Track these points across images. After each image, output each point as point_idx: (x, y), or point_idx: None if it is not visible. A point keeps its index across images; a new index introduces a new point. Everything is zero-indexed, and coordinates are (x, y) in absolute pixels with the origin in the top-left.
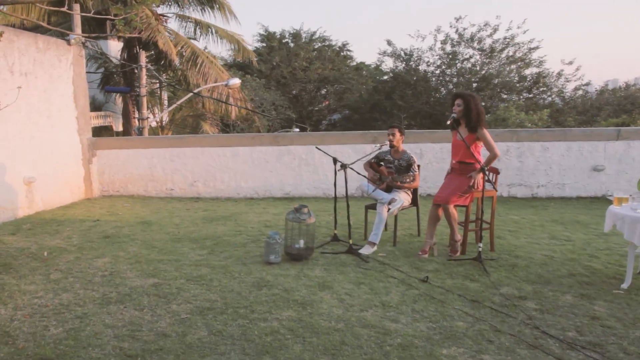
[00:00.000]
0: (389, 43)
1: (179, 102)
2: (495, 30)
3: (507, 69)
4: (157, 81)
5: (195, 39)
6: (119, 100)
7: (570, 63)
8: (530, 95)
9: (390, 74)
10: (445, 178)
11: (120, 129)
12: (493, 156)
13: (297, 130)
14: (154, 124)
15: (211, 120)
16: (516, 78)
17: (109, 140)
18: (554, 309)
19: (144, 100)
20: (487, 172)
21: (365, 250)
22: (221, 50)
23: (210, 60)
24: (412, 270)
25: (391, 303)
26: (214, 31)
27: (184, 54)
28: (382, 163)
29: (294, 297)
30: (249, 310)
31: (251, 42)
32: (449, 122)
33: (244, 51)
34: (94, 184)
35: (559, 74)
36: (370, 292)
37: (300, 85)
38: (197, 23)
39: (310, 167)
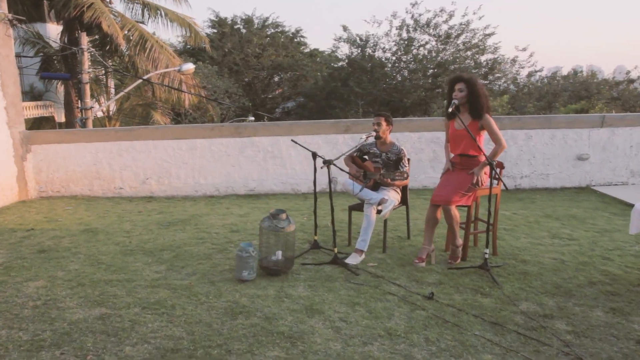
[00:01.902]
0: (345, 29)
1: (126, 90)
2: (450, 16)
3: (463, 55)
4: (103, 68)
5: (143, 22)
6: (61, 88)
7: (524, 49)
8: (486, 82)
9: (346, 60)
10: (442, 176)
11: (64, 120)
12: (500, 147)
13: (252, 119)
14: (100, 114)
15: (162, 109)
16: (472, 64)
17: (46, 134)
18: (589, 331)
19: (87, 87)
20: (495, 167)
21: (353, 260)
22: (171, 36)
23: (161, 45)
24: (412, 284)
25: (398, 331)
26: (163, 14)
27: (131, 38)
28: (366, 157)
29: (279, 328)
30: (225, 350)
31: (202, 28)
32: (450, 110)
33: (196, 35)
34: (29, 184)
35: (514, 61)
36: (369, 315)
37: (253, 73)
38: (145, 4)
39: (276, 161)
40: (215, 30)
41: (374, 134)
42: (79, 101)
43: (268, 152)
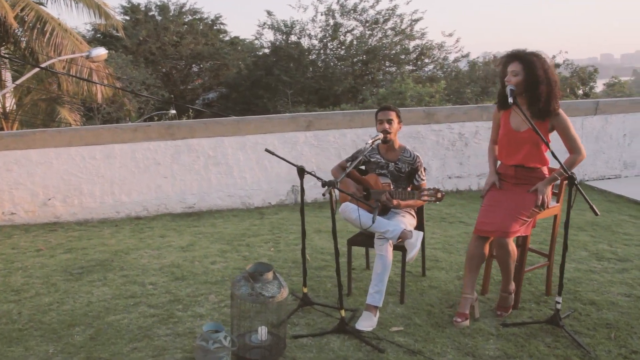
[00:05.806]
0: (269, 14)
1: (19, 81)
2: (377, 0)
3: (392, 40)
4: None
5: (42, 4)
6: None
7: (451, 35)
8: (415, 68)
9: (271, 47)
10: (485, 193)
11: None
12: (579, 157)
13: (174, 112)
14: None
15: (70, 104)
16: (399, 49)
17: None
18: None
19: None
20: (576, 183)
21: (366, 323)
22: (78, 23)
23: (64, 29)
24: None
25: None
26: None
27: (26, 19)
28: (363, 167)
29: None
30: None
31: (114, 12)
32: (510, 100)
33: (107, 18)
34: None
35: (441, 46)
36: None
37: (171, 62)
38: None
39: (221, 167)
40: (127, 17)
41: (380, 136)
42: None
43: (210, 158)
